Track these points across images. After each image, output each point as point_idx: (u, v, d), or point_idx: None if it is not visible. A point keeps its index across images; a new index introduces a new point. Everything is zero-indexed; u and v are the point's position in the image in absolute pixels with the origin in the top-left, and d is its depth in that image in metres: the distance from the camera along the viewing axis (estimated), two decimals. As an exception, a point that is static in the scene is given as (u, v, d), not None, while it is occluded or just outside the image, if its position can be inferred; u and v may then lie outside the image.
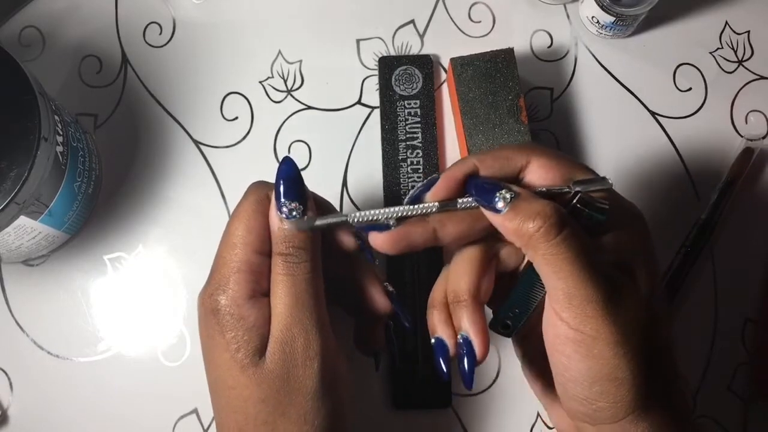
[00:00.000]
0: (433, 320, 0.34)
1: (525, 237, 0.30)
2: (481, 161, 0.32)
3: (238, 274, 0.32)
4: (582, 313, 0.29)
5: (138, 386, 0.44)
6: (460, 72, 0.45)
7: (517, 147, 0.33)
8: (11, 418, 0.43)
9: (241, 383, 0.31)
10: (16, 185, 0.35)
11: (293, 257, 0.32)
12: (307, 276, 0.32)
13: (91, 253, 0.46)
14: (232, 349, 0.31)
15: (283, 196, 0.32)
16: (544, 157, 0.32)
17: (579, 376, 0.30)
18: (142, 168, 0.47)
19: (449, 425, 0.44)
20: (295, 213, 0.32)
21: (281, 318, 0.31)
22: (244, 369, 0.31)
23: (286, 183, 0.32)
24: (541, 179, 0.32)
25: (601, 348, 0.29)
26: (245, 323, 0.32)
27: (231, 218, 0.34)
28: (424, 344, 0.44)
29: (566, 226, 0.29)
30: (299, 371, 0.31)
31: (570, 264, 0.29)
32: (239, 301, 0.32)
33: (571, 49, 0.50)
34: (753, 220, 0.47)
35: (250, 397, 0.31)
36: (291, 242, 0.32)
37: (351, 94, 0.48)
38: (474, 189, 0.32)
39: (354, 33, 0.49)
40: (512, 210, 0.30)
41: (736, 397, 0.45)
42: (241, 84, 0.48)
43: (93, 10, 0.49)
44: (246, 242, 0.33)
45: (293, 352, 0.31)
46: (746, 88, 0.49)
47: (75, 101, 0.47)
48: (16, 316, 0.45)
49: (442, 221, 0.32)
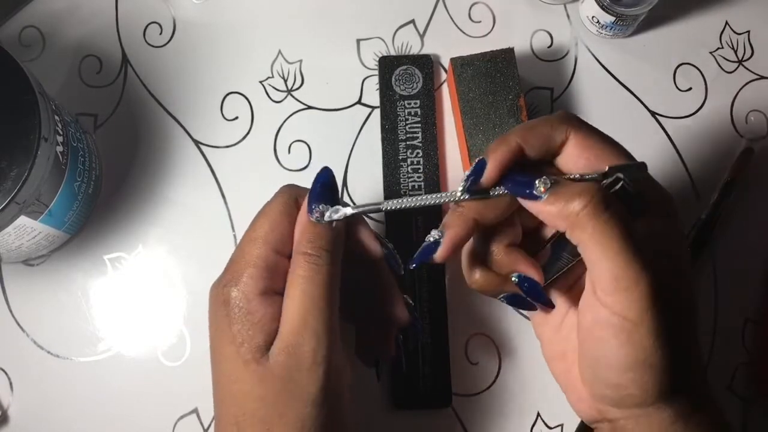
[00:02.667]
0: (489, 274, 0.33)
1: (571, 217, 0.29)
2: (524, 140, 0.31)
3: (253, 269, 0.32)
4: (627, 298, 0.28)
5: (138, 386, 0.44)
6: (461, 72, 0.45)
7: (557, 120, 0.32)
8: (11, 418, 0.43)
9: (243, 378, 0.31)
10: (16, 185, 0.35)
11: (315, 257, 0.32)
12: (325, 281, 0.32)
13: (91, 253, 0.46)
14: (237, 343, 0.31)
15: (316, 198, 0.32)
16: (582, 134, 0.31)
17: (614, 362, 0.29)
18: (142, 168, 0.47)
19: (449, 425, 0.44)
20: (325, 218, 0.32)
21: (292, 320, 0.31)
22: (246, 364, 0.31)
23: (321, 187, 0.33)
24: (577, 158, 0.31)
25: (642, 335, 0.28)
26: (252, 318, 0.32)
27: (257, 215, 0.34)
28: (425, 344, 0.44)
29: (612, 204, 0.29)
30: (302, 376, 0.31)
31: (619, 243, 0.28)
32: (250, 296, 0.32)
33: (571, 49, 0.50)
34: (753, 220, 0.47)
35: (249, 393, 0.31)
36: (316, 242, 0.32)
37: (351, 94, 0.48)
38: (510, 184, 0.31)
39: (354, 33, 0.49)
40: (552, 195, 0.29)
41: (736, 397, 0.45)
42: (242, 84, 0.48)
43: (93, 10, 0.49)
44: (267, 239, 0.33)
45: (299, 357, 0.31)
46: (746, 88, 0.49)
47: (75, 101, 0.47)
48: (17, 315, 0.45)
49: (480, 212, 0.31)
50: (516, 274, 0.32)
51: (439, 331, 0.44)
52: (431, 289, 0.44)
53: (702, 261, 0.46)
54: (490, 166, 0.31)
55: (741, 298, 0.46)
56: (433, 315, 0.44)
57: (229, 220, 0.46)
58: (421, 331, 0.37)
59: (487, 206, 0.31)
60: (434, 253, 0.31)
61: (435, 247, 0.31)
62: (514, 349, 0.45)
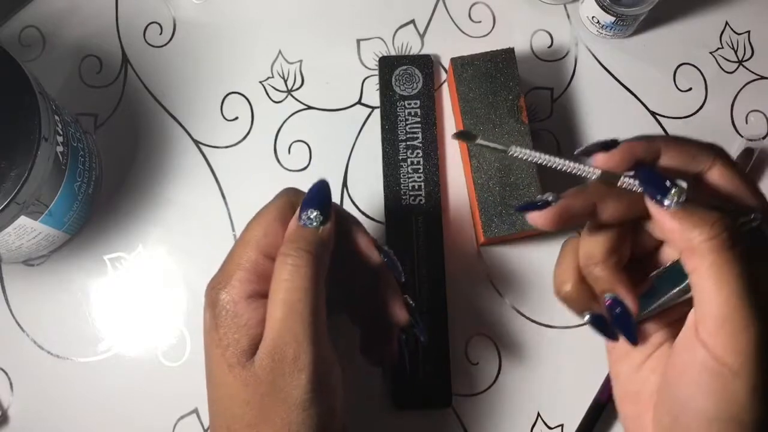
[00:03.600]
0: (581, 290, 0.31)
1: (692, 242, 0.26)
2: (666, 148, 0.29)
3: (242, 272, 0.32)
4: (731, 342, 0.26)
5: (138, 386, 0.44)
6: (461, 72, 0.45)
7: (707, 145, 0.30)
8: (11, 418, 0.43)
9: (227, 382, 0.32)
10: (16, 185, 0.35)
11: (296, 259, 0.31)
12: (306, 285, 0.31)
13: (92, 253, 0.46)
14: (222, 346, 0.32)
15: (308, 204, 0.33)
16: (729, 168, 0.29)
17: (701, 410, 0.27)
18: (142, 168, 0.47)
19: (449, 425, 0.44)
20: (314, 222, 0.32)
21: (274, 325, 0.31)
22: (231, 368, 0.31)
23: (314, 194, 0.33)
24: (719, 189, 0.29)
25: (738, 388, 0.26)
26: (238, 321, 0.32)
27: (252, 219, 0.34)
28: (424, 343, 0.44)
29: (740, 242, 0.26)
30: (286, 380, 0.31)
31: (737, 283, 0.26)
32: (237, 299, 0.32)
33: (571, 49, 0.50)
34: (753, 220, 0.47)
35: (235, 397, 0.32)
36: (297, 244, 0.32)
37: (351, 94, 0.48)
38: (644, 178, 0.28)
39: (354, 33, 0.49)
40: (683, 210, 0.27)
41: (736, 397, 0.45)
42: (242, 84, 0.48)
43: (93, 11, 0.49)
44: (259, 243, 0.33)
45: (282, 361, 0.31)
46: (746, 88, 0.49)
47: (75, 101, 0.47)
48: (17, 316, 0.45)
49: (602, 196, 0.29)
50: (610, 294, 0.30)
51: (439, 331, 0.44)
52: (431, 289, 0.44)
53: (702, 261, 0.46)
54: (622, 147, 0.29)
55: (741, 298, 0.46)
56: (433, 315, 0.44)
57: (229, 221, 0.46)
58: (423, 331, 0.37)
59: (611, 195, 0.29)
60: (539, 210, 0.28)
61: (543, 206, 0.28)
62: (514, 349, 0.45)
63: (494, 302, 0.45)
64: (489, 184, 0.43)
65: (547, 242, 0.46)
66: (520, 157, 0.29)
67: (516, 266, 0.46)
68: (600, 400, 0.43)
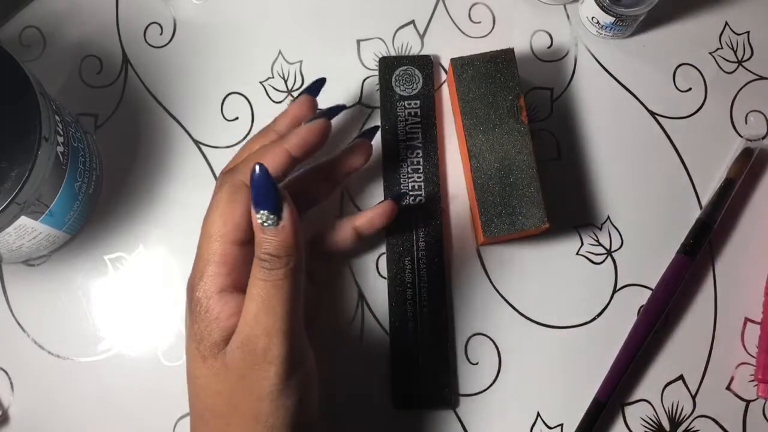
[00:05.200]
0: None
1: None
2: None
3: (211, 267, 0.33)
4: None
5: (138, 386, 0.44)
6: (461, 72, 0.45)
7: None
8: (12, 418, 0.43)
9: (202, 373, 0.33)
10: (16, 185, 0.35)
11: (268, 263, 0.32)
12: (282, 283, 0.32)
13: (92, 253, 0.46)
14: (197, 340, 0.33)
15: (257, 205, 0.32)
16: None
17: None
18: (142, 168, 0.47)
19: (449, 425, 0.44)
20: (269, 222, 0.32)
21: (248, 318, 0.32)
22: (204, 359, 0.33)
23: (257, 192, 0.32)
24: None
25: None
26: (210, 315, 0.33)
27: (208, 209, 0.35)
28: (424, 343, 0.44)
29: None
30: (255, 372, 0.32)
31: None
32: (209, 293, 0.33)
33: (571, 49, 0.50)
34: (752, 220, 0.47)
35: (207, 387, 0.33)
36: (267, 249, 0.32)
37: (351, 95, 0.48)
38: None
39: (354, 33, 0.50)
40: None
41: (735, 397, 0.45)
42: (242, 84, 0.48)
43: (93, 11, 0.49)
44: (222, 234, 0.34)
45: (252, 353, 0.32)
46: (746, 89, 0.49)
47: (75, 101, 0.47)
48: (17, 316, 0.45)
49: None
50: None
51: (439, 331, 0.44)
52: (431, 289, 0.44)
53: (702, 261, 0.46)
54: None
55: (741, 298, 0.46)
56: (433, 315, 0.44)
57: (229, 221, 0.46)
58: None
59: None
60: None
61: None
62: (514, 349, 0.45)
63: (494, 302, 0.45)
64: (489, 184, 0.43)
65: (547, 242, 0.46)
66: None
67: (516, 266, 0.46)
68: (600, 400, 0.43)
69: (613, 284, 0.46)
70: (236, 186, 0.34)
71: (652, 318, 0.44)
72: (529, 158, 0.44)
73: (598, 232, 0.47)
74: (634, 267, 0.46)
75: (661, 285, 0.45)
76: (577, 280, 0.46)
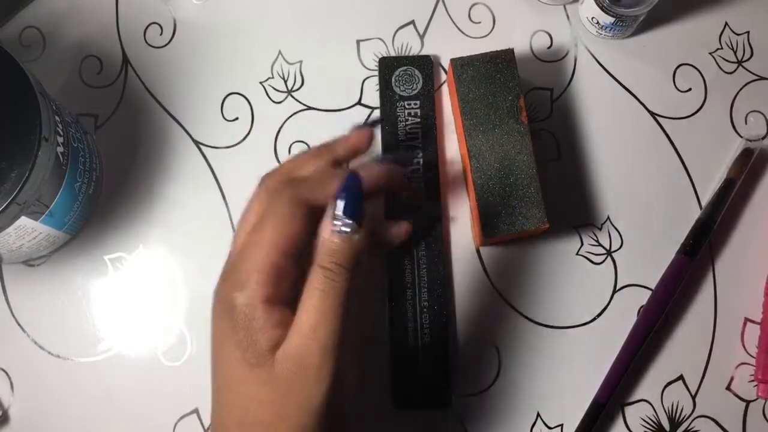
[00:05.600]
0: None
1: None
2: None
3: (259, 275, 0.32)
4: None
5: (138, 386, 0.44)
6: (461, 72, 0.45)
7: None
8: (12, 418, 0.43)
9: (247, 381, 0.32)
10: (17, 186, 0.35)
11: (333, 273, 0.31)
12: (342, 295, 0.31)
13: (92, 253, 0.46)
14: (242, 348, 0.32)
15: (343, 210, 0.32)
16: None
17: None
18: (142, 168, 0.47)
19: (449, 425, 0.44)
20: (346, 230, 0.32)
21: (303, 330, 0.31)
22: (251, 368, 0.31)
23: (349, 198, 0.32)
24: None
25: None
26: (257, 324, 0.32)
27: (263, 217, 0.33)
28: (424, 343, 0.44)
29: None
30: (305, 387, 0.31)
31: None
32: (255, 302, 0.32)
33: (570, 49, 0.50)
34: (752, 220, 0.47)
35: (254, 396, 0.32)
36: (335, 258, 0.32)
37: (351, 95, 0.48)
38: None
39: (354, 33, 0.50)
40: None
41: (735, 397, 0.45)
42: (242, 84, 0.48)
43: (93, 11, 0.49)
44: (276, 244, 0.32)
45: (306, 368, 0.31)
46: (746, 89, 0.49)
47: (75, 101, 0.47)
48: (17, 316, 0.45)
49: None
50: None
51: (439, 331, 0.44)
52: (431, 290, 0.44)
53: (702, 261, 0.46)
54: None
55: (741, 298, 0.46)
56: (433, 315, 0.44)
57: (229, 221, 0.46)
58: None
59: None
60: None
61: None
62: (514, 349, 0.45)
63: (494, 302, 0.45)
64: (489, 184, 0.43)
65: (547, 242, 0.46)
66: None
67: (516, 266, 0.46)
68: (599, 400, 0.43)
69: (613, 284, 0.46)
70: (300, 200, 0.33)
71: (652, 318, 0.44)
72: (529, 158, 0.44)
73: (598, 232, 0.47)
74: (634, 267, 0.46)
75: (661, 285, 0.45)
76: (577, 280, 0.46)
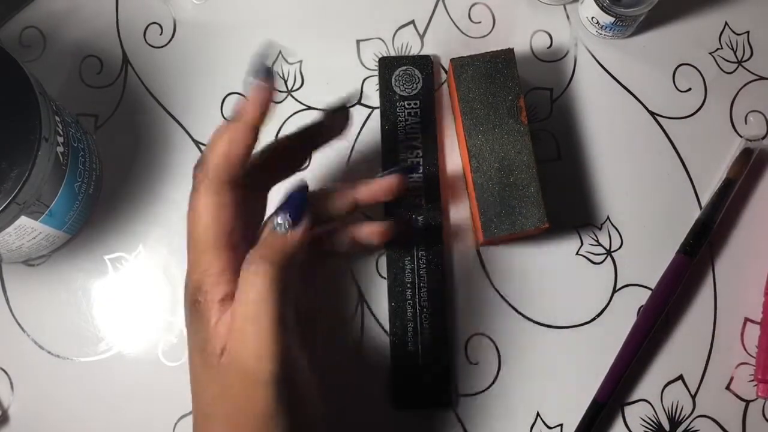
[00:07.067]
0: None
1: None
2: None
3: (211, 277, 0.33)
4: None
5: (138, 386, 0.44)
6: (460, 72, 0.45)
7: None
8: (12, 418, 0.43)
9: (201, 379, 0.33)
10: (16, 185, 0.35)
11: (256, 267, 0.32)
12: (269, 295, 0.32)
13: (92, 253, 0.46)
14: (198, 348, 0.33)
15: (280, 208, 0.33)
16: None
17: None
18: (142, 168, 0.47)
19: (449, 425, 0.44)
20: (283, 228, 0.32)
21: (235, 338, 0.32)
22: (207, 367, 0.33)
23: (289, 200, 0.33)
24: None
25: None
26: (209, 325, 0.33)
27: (196, 213, 0.34)
28: (424, 343, 0.44)
29: None
30: (250, 392, 0.31)
31: None
32: (210, 304, 0.33)
33: (570, 49, 0.50)
34: (752, 220, 0.47)
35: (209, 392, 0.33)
36: (260, 251, 0.32)
37: (351, 95, 0.48)
38: None
39: (354, 33, 0.50)
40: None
41: (735, 396, 0.45)
42: (242, 84, 0.48)
43: (93, 11, 0.49)
44: (219, 242, 0.33)
45: (244, 373, 0.31)
46: (746, 89, 0.49)
47: (75, 101, 0.47)
48: (17, 316, 0.45)
49: None
50: None
51: (439, 331, 0.44)
52: (431, 289, 0.44)
53: (702, 261, 0.46)
54: None
55: (741, 298, 0.46)
56: (433, 315, 0.44)
57: (229, 221, 0.46)
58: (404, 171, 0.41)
59: None
60: None
61: None
62: (514, 349, 0.45)
63: (494, 302, 0.45)
64: (489, 184, 0.43)
65: (547, 242, 0.46)
66: None
67: (516, 266, 0.46)
68: (599, 399, 0.43)
69: (612, 284, 0.46)
70: (225, 190, 0.34)
71: (652, 318, 0.44)
72: (529, 158, 0.44)
73: (598, 232, 0.47)
74: (634, 267, 0.46)
75: (661, 285, 0.45)
76: (577, 280, 0.46)
